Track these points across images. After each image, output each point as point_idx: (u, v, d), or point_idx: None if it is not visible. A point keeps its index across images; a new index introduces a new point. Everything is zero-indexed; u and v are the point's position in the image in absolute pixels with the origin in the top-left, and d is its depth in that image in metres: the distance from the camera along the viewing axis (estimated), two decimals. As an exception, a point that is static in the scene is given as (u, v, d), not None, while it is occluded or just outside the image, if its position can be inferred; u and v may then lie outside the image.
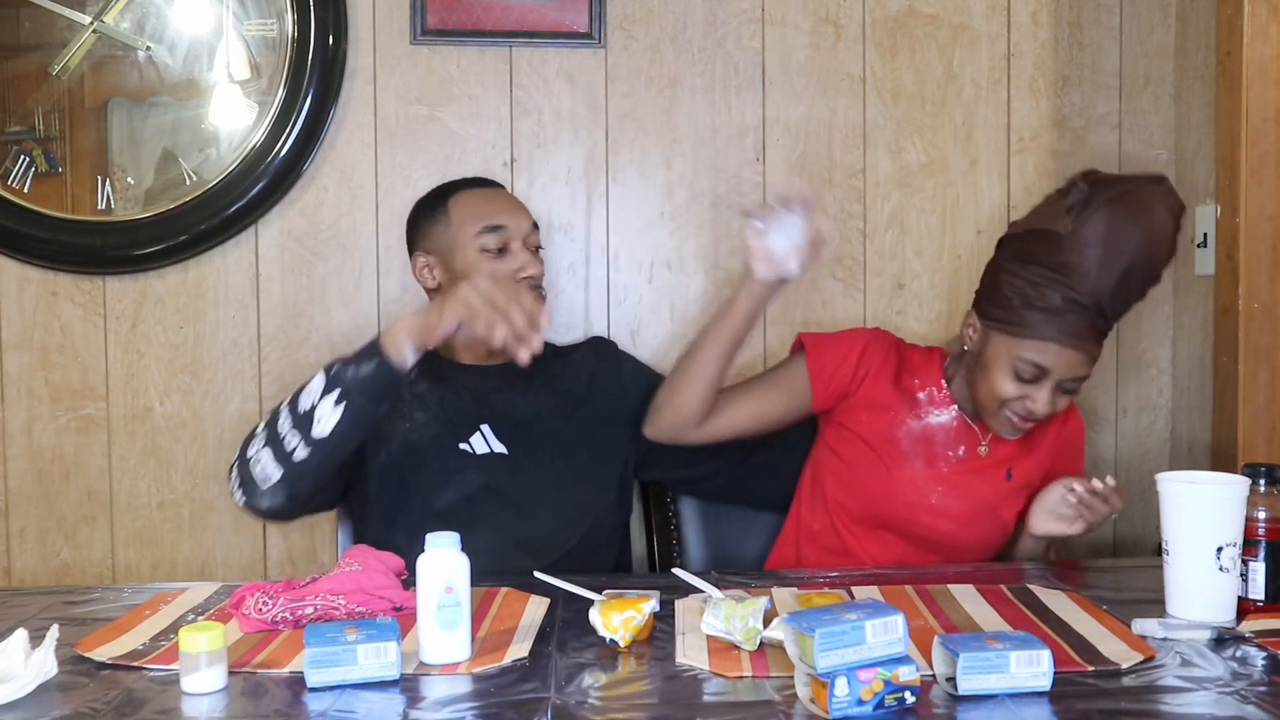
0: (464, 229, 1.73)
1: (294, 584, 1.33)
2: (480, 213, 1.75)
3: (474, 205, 1.76)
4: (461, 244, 1.73)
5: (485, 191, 1.81)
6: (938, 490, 1.69)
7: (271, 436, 1.52)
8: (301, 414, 1.49)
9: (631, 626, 1.21)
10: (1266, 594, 1.31)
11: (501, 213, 1.76)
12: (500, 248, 1.73)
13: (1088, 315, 1.57)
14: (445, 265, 1.75)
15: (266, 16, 2.05)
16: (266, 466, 1.51)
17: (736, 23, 2.15)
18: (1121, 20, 2.21)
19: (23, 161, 2.04)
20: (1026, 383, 1.60)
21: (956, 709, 1.05)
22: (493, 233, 1.72)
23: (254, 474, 1.52)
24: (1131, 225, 1.57)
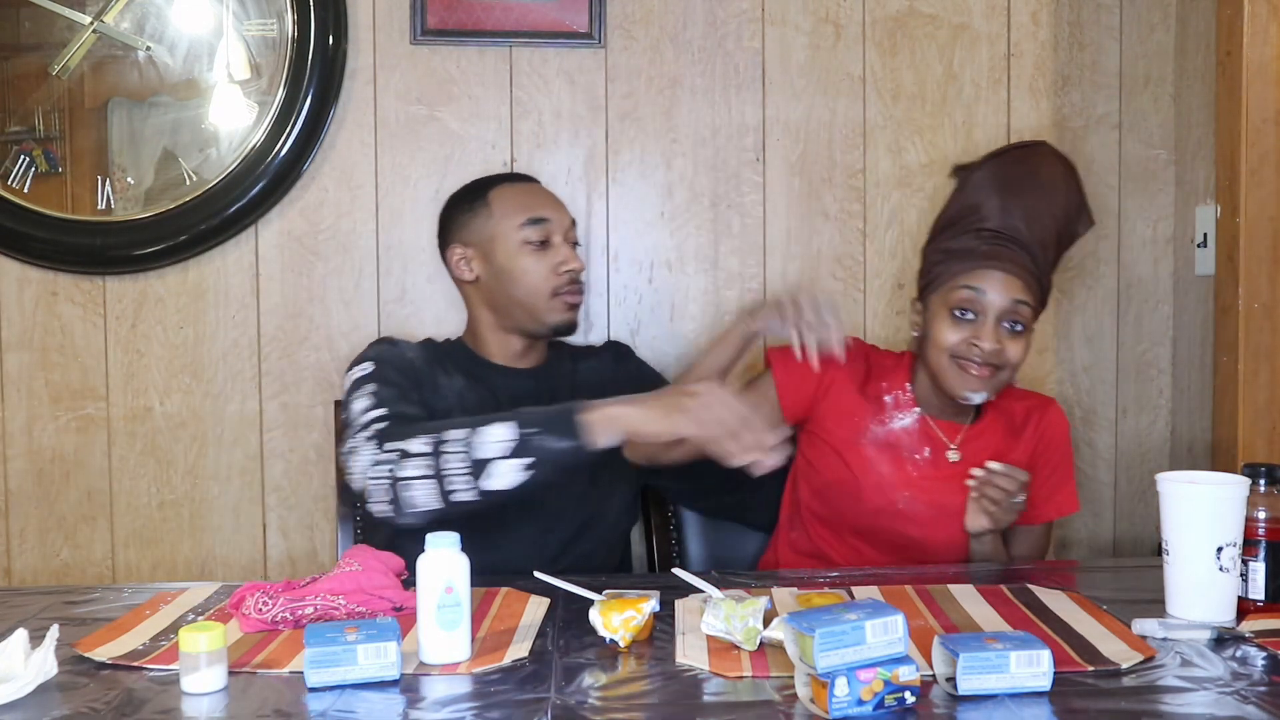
0: (506, 221, 1.74)
1: (294, 584, 1.33)
2: (522, 205, 1.76)
3: (516, 198, 1.77)
4: (503, 236, 1.74)
5: (526, 185, 1.83)
6: (904, 494, 1.69)
7: (436, 470, 1.45)
8: (476, 461, 1.43)
9: (631, 626, 1.21)
10: (1266, 594, 1.31)
11: (544, 206, 1.77)
12: (542, 240, 1.74)
13: (1002, 241, 1.63)
14: (485, 257, 1.75)
15: (266, 16, 2.05)
16: (423, 497, 1.45)
17: (736, 23, 2.15)
18: (1121, 20, 2.21)
19: (23, 161, 2.04)
20: (967, 323, 1.62)
21: (956, 709, 1.05)
22: (535, 225, 1.74)
23: (405, 496, 1.46)
24: (1018, 166, 1.69)
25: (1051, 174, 1.70)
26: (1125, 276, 2.24)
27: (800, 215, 2.18)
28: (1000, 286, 1.61)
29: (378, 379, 1.62)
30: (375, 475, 1.48)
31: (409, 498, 1.46)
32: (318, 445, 2.12)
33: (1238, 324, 1.86)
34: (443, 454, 1.45)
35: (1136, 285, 2.24)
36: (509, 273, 1.74)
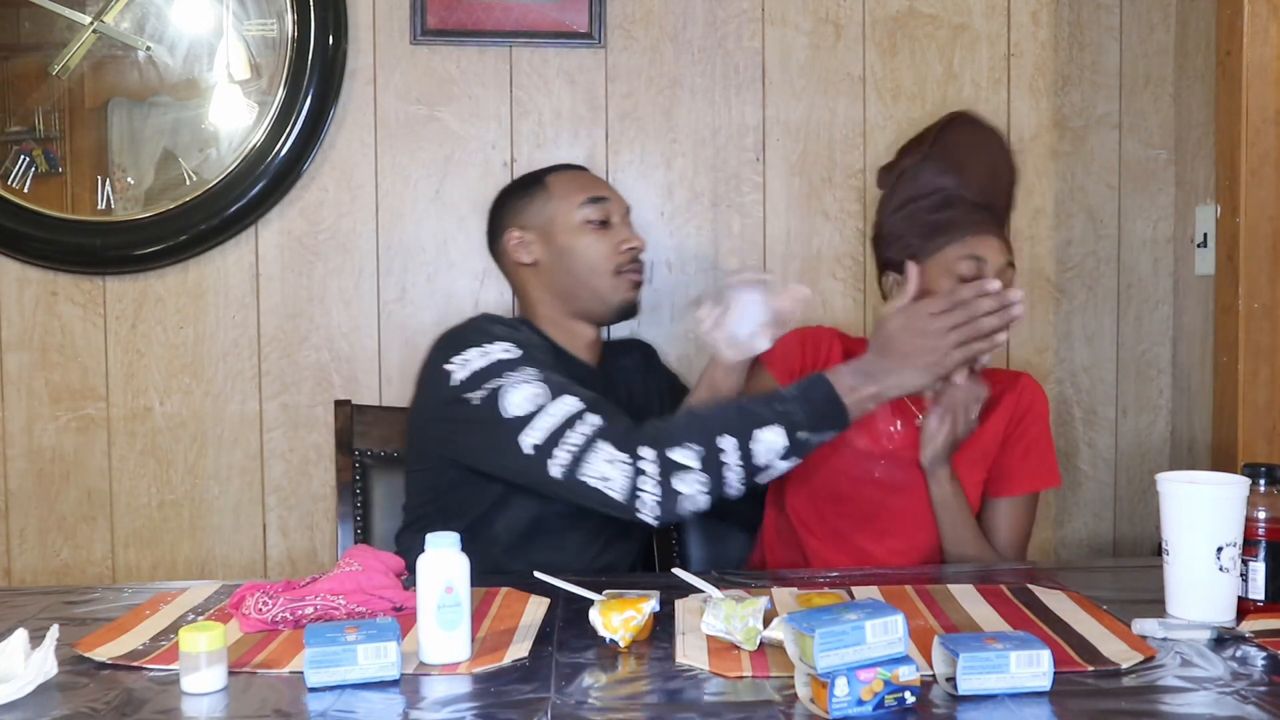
0: (566, 201, 1.74)
1: (294, 584, 1.33)
2: (581, 186, 1.77)
3: (573, 180, 1.78)
4: (563, 215, 1.73)
5: (581, 171, 1.85)
6: (880, 464, 1.71)
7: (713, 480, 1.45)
8: (756, 466, 1.45)
9: (631, 626, 1.21)
10: (1266, 594, 1.31)
11: (601, 187, 1.80)
12: (602, 220, 1.74)
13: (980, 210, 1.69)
14: (545, 239, 1.74)
15: (266, 16, 2.05)
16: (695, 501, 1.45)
17: (736, 23, 2.15)
18: (1121, 20, 2.21)
19: (23, 161, 2.04)
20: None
21: (956, 709, 1.05)
22: (595, 204, 1.74)
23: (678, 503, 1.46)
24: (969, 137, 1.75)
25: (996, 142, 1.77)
26: (1125, 276, 2.24)
27: (800, 215, 2.18)
28: (995, 252, 1.66)
29: (533, 363, 1.56)
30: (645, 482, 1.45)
31: (684, 503, 1.45)
32: (318, 445, 2.12)
33: (1238, 324, 1.86)
34: (721, 464, 1.44)
35: (1136, 285, 2.24)
36: (570, 251, 1.73)
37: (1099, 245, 2.23)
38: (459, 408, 1.55)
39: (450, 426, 1.58)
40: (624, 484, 1.45)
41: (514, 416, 1.49)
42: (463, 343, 1.59)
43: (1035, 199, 2.21)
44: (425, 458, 1.68)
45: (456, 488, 1.64)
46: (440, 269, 2.13)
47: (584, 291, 1.73)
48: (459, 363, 1.57)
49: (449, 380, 1.56)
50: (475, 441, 1.55)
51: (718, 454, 1.44)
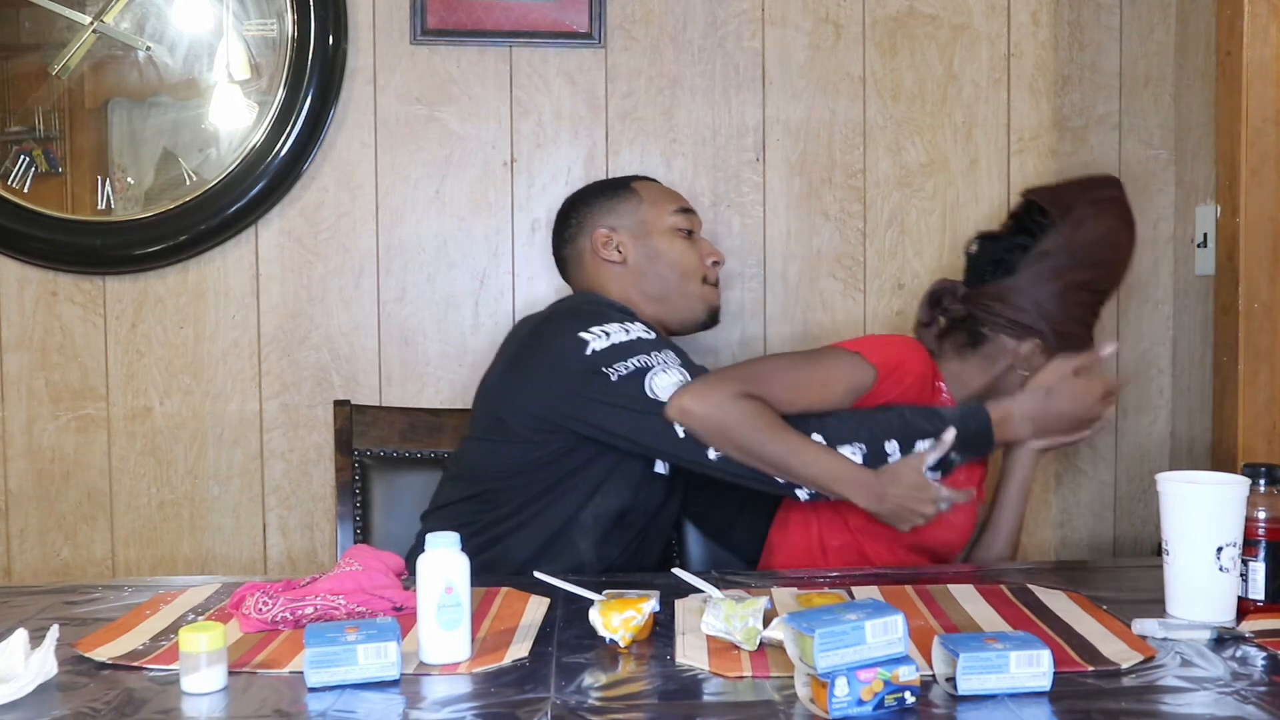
0: (659, 207, 1.80)
1: (294, 584, 1.33)
2: (670, 196, 1.84)
3: (661, 189, 1.86)
4: (656, 219, 1.79)
5: (659, 183, 1.90)
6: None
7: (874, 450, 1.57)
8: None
9: (631, 626, 1.21)
10: (1266, 594, 1.31)
11: (685, 200, 1.86)
12: (689, 230, 1.81)
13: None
14: (637, 239, 1.77)
15: (266, 16, 2.05)
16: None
17: (736, 23, 2.15)
18: (1121, 20, 2.21)
19: (23, 161, 2.04)
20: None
21: (956, 709, 1.05)
22: (684, 214, 1.82)
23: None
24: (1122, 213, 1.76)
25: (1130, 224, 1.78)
26: (1125, 276, 2.23)
27: (800, 215, 2.18)
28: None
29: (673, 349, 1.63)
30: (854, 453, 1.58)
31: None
32: (318, 445, 2.12)
33: (1238, 324, 1.86)
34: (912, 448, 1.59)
35: (1136, 285, 2.24)
36: (664, 254, 1.77)
37: (1099, 245, 2.22)
38: (597, 379, 1.56)
39: (583, 399, 1.58)
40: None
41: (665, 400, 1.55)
42: (600, 316, 1.62)
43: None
44: (528, 427, 1.63)
45: (560, 460, 1.63)
46: (440, 269, 2.13)
47: (675, 295, 1.77)
48: (598, 333, 1.59)
49: (584, 349, 1.58)
50: (618, 417, 1.56)
51: (883, 456, 1.56)
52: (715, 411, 1.52)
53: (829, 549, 1.72)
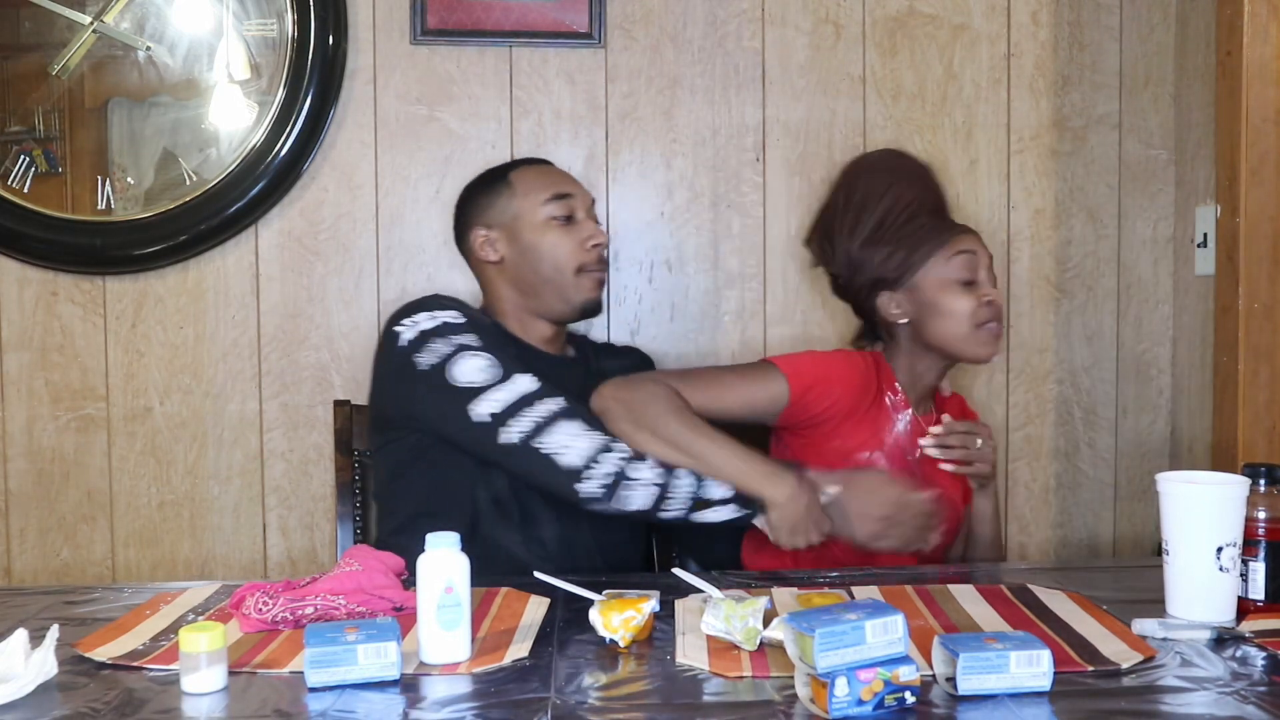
0: (530, 198, 1.74)
1: (294, 584, 1.33)
2: (545, 182, 1.77)
3: (537, 177, 1.78)
4: (528, 212, 1.74)
5: (544, 166, 1.84)
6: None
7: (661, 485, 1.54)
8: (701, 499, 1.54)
9: (631, 626, 1.21)
10: (1266, 594, 1.31)
11: (565, 182, 1.79)
12: (567, 216, 1.74)
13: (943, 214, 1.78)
14: (510, 237, 1.75)
15: (266, 16, 2.05)
16: (635, 499, 1.53)
17: (736, 23, 2.15)
18: (1121, 20, 2.21)
19: (23, 161, 2.04)
20: (971, 288, 1.68)
21: (956, 709, 1.05)
22: (559, 200, 1.74)
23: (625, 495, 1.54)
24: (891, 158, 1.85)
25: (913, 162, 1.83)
26: (1125, 276, 2.24)
27: (800, 215, 2.18)
28: (981, 245, 1.72)
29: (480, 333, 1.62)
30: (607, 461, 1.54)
31: (628, 497, 1.53)
32: (318, 445, 2.12)
33: (1238, 324, 1.86)
34: (673, 479, 1.55)
35: (1136, 285, 2.24)
36: (535, 249, 1.73)
37: (1099, 245, 2.23)
38: (408, 369, 1.60)
39: (400, 392, 1.62)
40: (583, 454, 1.53)
41: (464, 385, 1.56)
42: (413, 308, 1.65)
43: (1035, 199, 2.21)
44: (381, 429, 1.70)
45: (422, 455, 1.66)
46: (440, 269, 2.13)
47: (549, 290, 1.74)
48: (408, 324, 1.62)
49: (397, 341, 1.62)
50: (427, 405, 1.59)
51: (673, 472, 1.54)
52: (639, 394, 1.60)
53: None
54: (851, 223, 1.74)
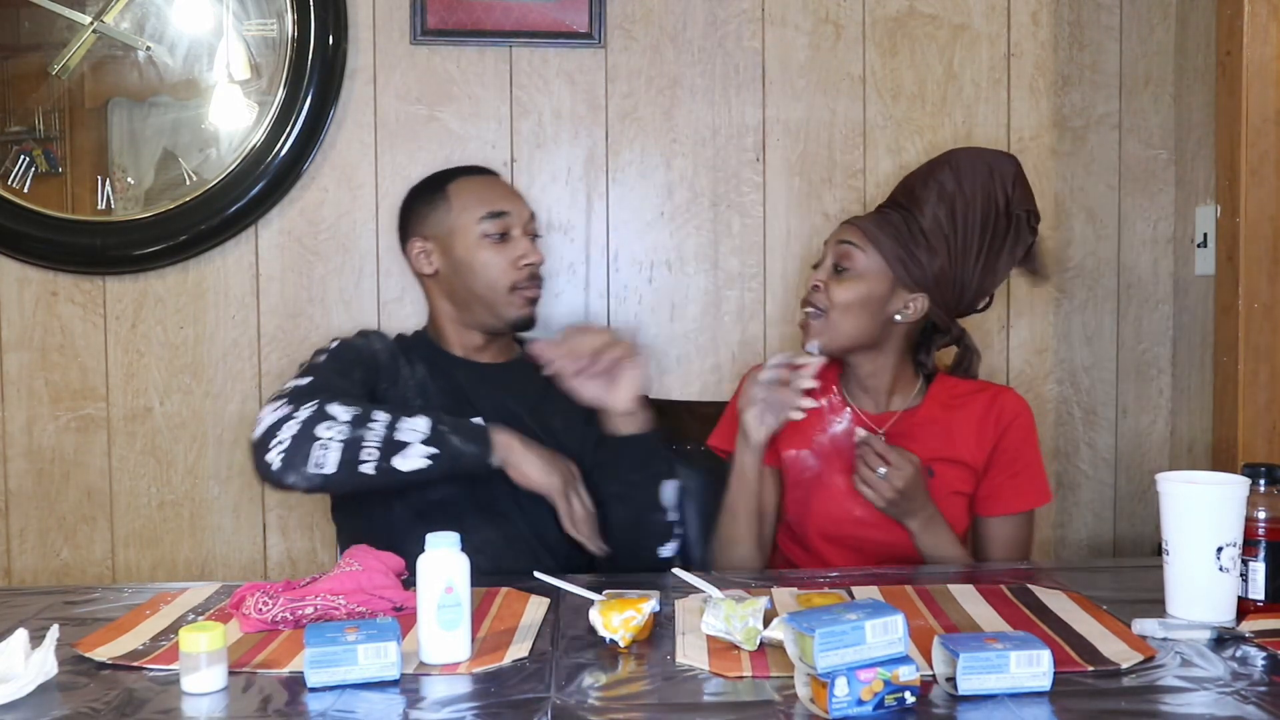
0: (465, 214, 1.74)
1: (294, 584, 1.33)
2: (481, 198, 1.76)
3: (475, 191, 1.77)
4: (463, 229, 1.74)
5: (484, 179, 1.82)
6: (860, 501, 1.64)
7: (352, 437, 1.51)
8: (395, 441, 1.52)
9: (631, 626, 1.21)
10: (1266, 594, 1.31)
11: (502, 199, 1.78)
12: (501, 234, 1.74)
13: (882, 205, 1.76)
14: (444, 251, 1.76)
15: (266, 16, 2.05)
16: (328, 457, 1.50)
17: (736, 23, 2.15)
18: (1121, 20, 2.21)
19: (23, 161, 2.04)
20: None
21: (956, 709, 1.05)
22: (495, 219, 1.74)
23: (310, 452, 1.49)
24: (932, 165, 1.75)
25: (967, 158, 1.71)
26: (1125, 276, 2.24)
27: (800, 215, 2.18)
28: (840, 233, 1.70)
29: (330, 356, 1.69)
30: (287, 427, 1.51)
31: (314, 454, 1.50)
32: (318, 445, 2.12)
33: (1238, 324, 1.86)
34: (365, 425, 1.52)
35: (1136, 285, 2.24)
36: (468, 266, 1.74)
37: (1099, 245, 2.23)
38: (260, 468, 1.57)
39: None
40: (269, 422, 1.52)
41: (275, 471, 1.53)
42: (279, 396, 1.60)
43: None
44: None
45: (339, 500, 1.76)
46: (440, 269, 2.13)
47: (480, 306, 1.75)
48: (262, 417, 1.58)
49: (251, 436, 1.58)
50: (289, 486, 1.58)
51: (368, 419, 1.53)
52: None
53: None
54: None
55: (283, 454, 1.50)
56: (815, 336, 1.67)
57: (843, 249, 1.67)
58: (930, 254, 1.66)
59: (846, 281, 1.66)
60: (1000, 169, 1.70)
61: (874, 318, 1.67)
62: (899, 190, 1.75)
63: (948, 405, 1.72)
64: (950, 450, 1.68)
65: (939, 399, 1.73)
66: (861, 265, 1.66)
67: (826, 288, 1.66)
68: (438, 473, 1.54)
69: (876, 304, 1.66)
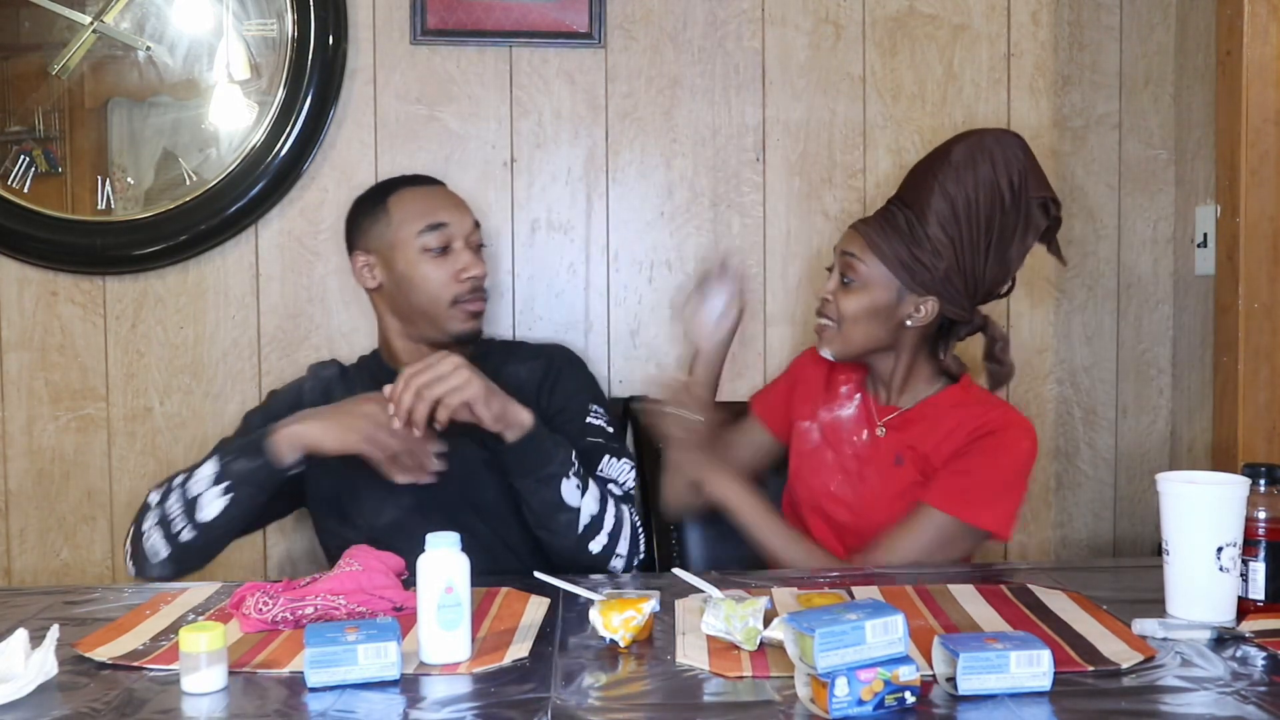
0: (405, 228, 1.71)
1: (294, 584, 1.33)
2: (421, 211, 1.73)
3: (414, 203, 1.74)
4: (402, 243, 1.71)
5: (425, 189, 1.78)
6: (837, 478, 1.74)
7: (162, 517, 1.55)
8: (190, 499, 1.53)
9: (631, 626, 1.21)
10: (1266, 594, 1.31)
11: (443, 210, 1.74)
12: (442, 247, 1.71)
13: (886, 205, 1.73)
14: (386, 265, 1.73)
15: (266, 16, 2.05)
16: (156, 544, 1.55)
17: (736, 23, 2.15)
18: (1121, 20, 2.21)
19: (23, 161, 2.04)
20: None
21: (956, 709, 1.05)
22: (434, 231, 1.71)
23: (144, 548, 1.56)
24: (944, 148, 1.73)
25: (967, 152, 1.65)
26: (1125, 276, 2.24)
27: (800, 215, 2.18)
28: (844, 242, 1.70)
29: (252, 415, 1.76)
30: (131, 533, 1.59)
31: (147, 548, 1.56)
32: (318, 445, 2.12)
33: (1238, 324, 1.86)
34: (167, 499, 1.56)
35: (1136, 285, 2.24)
36: (409, 280, 1.71)
37: (1099, 245, 2.23)
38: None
39: None
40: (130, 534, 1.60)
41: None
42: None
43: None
44: None
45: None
46: (440, 269, 2.13)
47: (422, 319, 1.74)
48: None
49: None
50: None
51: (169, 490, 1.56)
52: None
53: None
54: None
55: (131, 557, 1.59)
56: (828, 345, 1.70)
57: (846, 260, 1.67)
58: (935, 257, 1.63)
59: (853, 293, 1.66)
60: (1005, 157, 1.64)
61: (885, 324, 1.67)
62: (906, 185, 1.73)
63: (952, 407, 1.69)
64: (924, 445, 1.67)
65: (947, 400, 1.70)
66: (865, 275, 1.65)
67: (836, 299, 1.68)
68: (247, 500, 1.54)
69: (885, 311, 1.66)
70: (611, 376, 2.16)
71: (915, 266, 1.64)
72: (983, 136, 1.68)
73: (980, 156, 1.65)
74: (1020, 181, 1.65)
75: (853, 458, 1.74)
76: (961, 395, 1.71)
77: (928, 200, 1.65)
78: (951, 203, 1.64)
